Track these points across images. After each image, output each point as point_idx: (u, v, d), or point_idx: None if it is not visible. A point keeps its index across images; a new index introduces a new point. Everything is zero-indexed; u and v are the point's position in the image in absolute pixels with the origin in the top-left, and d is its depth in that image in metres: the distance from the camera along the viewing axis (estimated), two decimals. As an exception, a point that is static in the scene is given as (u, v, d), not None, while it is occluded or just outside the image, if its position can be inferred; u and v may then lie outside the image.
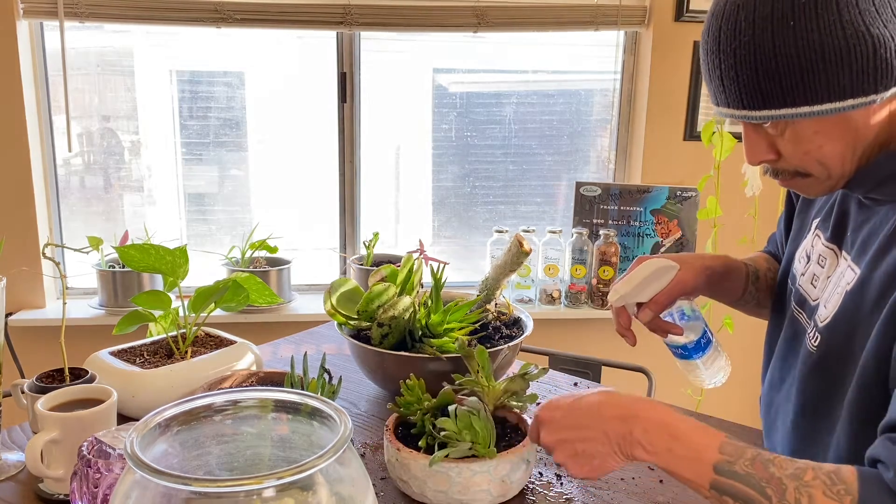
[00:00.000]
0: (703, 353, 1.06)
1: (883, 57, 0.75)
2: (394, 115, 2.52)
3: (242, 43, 2.38)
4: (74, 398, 0.98)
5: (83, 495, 0.80)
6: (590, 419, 0.82)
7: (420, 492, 0.91)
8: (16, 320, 2.20)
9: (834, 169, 0.83)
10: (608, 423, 0.80)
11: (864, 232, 0.87)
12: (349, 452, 0.63)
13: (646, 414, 0.79)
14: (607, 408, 0.81)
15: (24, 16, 2.12)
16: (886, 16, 0.75)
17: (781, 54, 0.76)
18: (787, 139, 0.82)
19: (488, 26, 2.29)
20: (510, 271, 1.22)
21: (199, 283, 1.27)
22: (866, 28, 0.74)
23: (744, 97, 0.80)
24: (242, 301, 1.22)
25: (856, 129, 0.80)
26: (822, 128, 0.80)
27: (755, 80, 0.78)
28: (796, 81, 0.76)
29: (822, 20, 0.74)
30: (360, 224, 2.52)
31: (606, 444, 0.80)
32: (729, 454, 0.74)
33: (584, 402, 0.84)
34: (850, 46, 0.74)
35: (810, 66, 0.75)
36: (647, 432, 0.78)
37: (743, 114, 0.82)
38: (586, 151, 2.61)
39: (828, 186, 0.86)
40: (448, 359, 1.10)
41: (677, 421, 0.78)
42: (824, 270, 0.94)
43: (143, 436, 0.62)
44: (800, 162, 0.84)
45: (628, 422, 0.79)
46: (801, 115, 0.78)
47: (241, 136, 2.45)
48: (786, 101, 0.78)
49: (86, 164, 2.41)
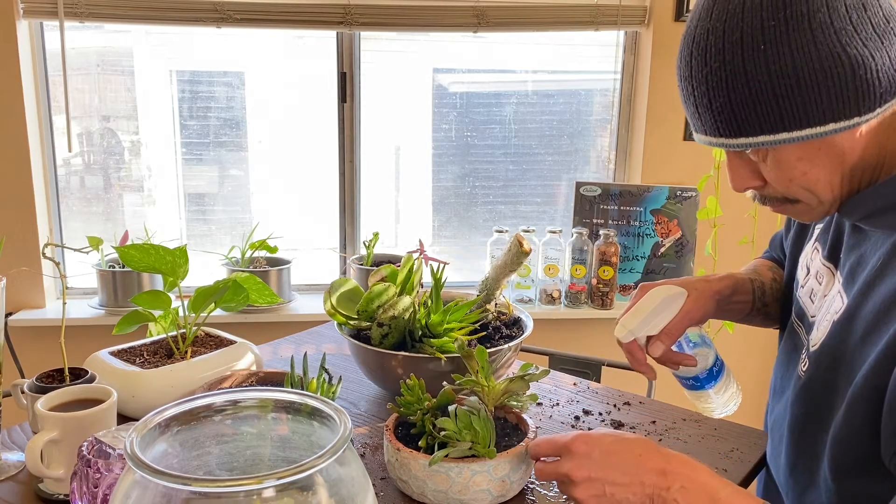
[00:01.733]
0: (715, 383, 1.02)
1: (863, 78, 0.70)
2: (394, 115, 2.52)
3: (242, 43, 2.38)
4: (74, 398, 0.98)
5: (83, 495, 0.80)
6: (628, 465, 0.77)
7: (420, 492, 0.91)
8: (16, 320, 2.20)
9: (823, 195, 0.79)
10: (647, 474, 0.76)
11: (853, 257, 0.84)
12: (349, 452, 0.63)
13: (687, 472, 0.76)
14: (648, 458, 0.77)
15: (24, 16, 2.12)
16: (865, 34, 0.71)
17: (754, 80, 0.72)
18: (770, 166, 0.79)
19: (488, 26, 2.29)
20: (510, 271, 1.22)
21: (199, 283, 1.27)
22: (842, 48, 0.70)
23: (719, 125, 0.77)
24: (242, 301, 1.22)
25: (841, 154, 0.76)
26: (805, 154, 0.76)
27: (729, 108, 0.75)
28: (771, 108, 0.72)
29: (794, 43, 0.70)
30: (360, 224, 2.52)
31: (639, 495, 0.76)
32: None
33: (624, 446, 0.79)
34: (825, 69, 0.70)
35: (785, 92, 0.71)
36: (686, 491, 0.74)
37: (720, 141, 0.78)
38: (586, 151, 2.61)
39: (821, 212, 0.83)
40: (448, 359, 1.10)
41: (719, 485, 0.75)
42: (821, 288, 0.91)
43: (143, 436, 0.62)
44: (785, 189, 0.80)
45: (668, 477, 0.75)
46: (780, 142, 0.74)
47: (240, 136, 2.45)
48: (762, 128, 0.74)
49: (86, 164, 2.41)
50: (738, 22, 0.72)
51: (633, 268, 2.46)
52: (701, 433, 1.15)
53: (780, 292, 1.11)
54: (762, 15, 0.71)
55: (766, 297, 1.10)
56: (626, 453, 0.78)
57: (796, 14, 0.70)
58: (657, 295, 0.99)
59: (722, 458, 1.08)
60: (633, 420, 1.20)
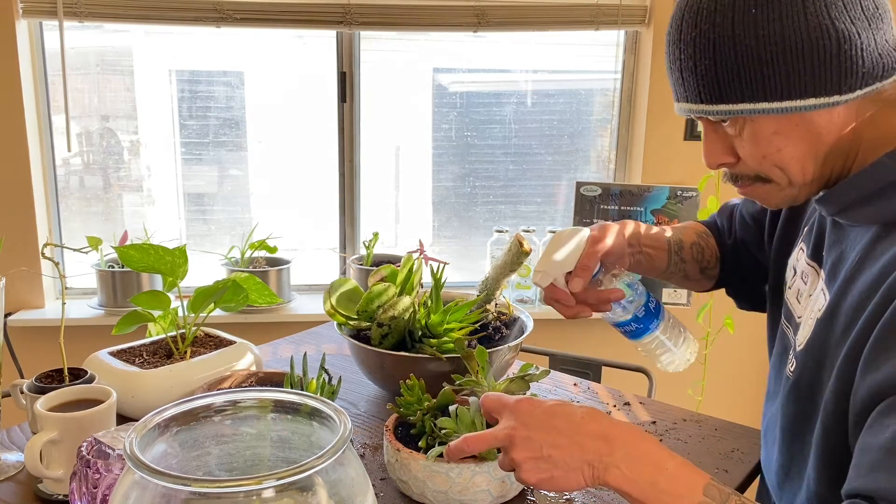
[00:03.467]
0: (657, 320, 0.99)
1: (847, 54, 0.71)
2: (394, 115, 2.52)
3: (242, 43, 2.38)
4: (74, 398, 0.98)
5: (82, 496, 0.80)
6: (568, 427, 0.75)
7: (420, 492, 0.91)
8: (15, 320, 2.20)
9: (794, 175, 0.79)
10: (587, 437, 0.74)
11: (835, 254, 0.84)
12: (349, 453, 0.63)
13: (632, 440, 0.74)
14: (590, 423, 0.75)
15: (23, 15, 2.12)
16: (854, 13, 0.71)
17: (741, 44, 0.72)
18: (746, 139, 0.78)
19: (488, 26, 2.29)
20: (510, 271, 1.22)
21: (198, 283, 1.27)
22: (831, 21, 0.71)
23: (702, 90, 0.77)
24: (242, 301, 1.22)
25: (817, 134, 0.76)
26: (781, 128, 0.76)
27: (713, 71, 0.75)
28: (755, 74, 0.73)
29: (784, 9, 0.71)
30: (360, 224, 2.52)
31: (577, 458, 0.73)
32: (712, 497, 0.70)
33: (567, 409, 0.77)
34: (812, 39, 0.71)
35: (770, 58, 0.72)
36: (631, 458, 0.72)
37: (700, 108, 0.78)
38: (586, 151, 2.61)
39: (788, 196, 0.82)
40: (448, 359, 1.10)
41: (665, 455, 0.73)
42: (807, 288, 0.90)
43: (143, 436, 0.61)
44: (758, 165, 0.80)
45: (611, 442, 0.73)
46: (759, 112, 0.74)
47: (240, 135, 2.45)
48: (744, 95, 0.74)
49: (85, 164, 2.41)
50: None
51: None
52: (701, 433, 1.15)
53: (701, 255, 1.10)
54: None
55: (682, 253, 1.09)
56: (568, 416, 0.76)
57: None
58: (561, 234, 0.99)
59: (722, 459, 1.08)
60: (633, 420, 1.20)
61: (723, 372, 2.47)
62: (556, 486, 0.75)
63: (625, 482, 0.72)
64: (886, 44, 0.73)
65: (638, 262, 1.06)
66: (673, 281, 1.14)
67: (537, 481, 0.75)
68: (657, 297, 1.03)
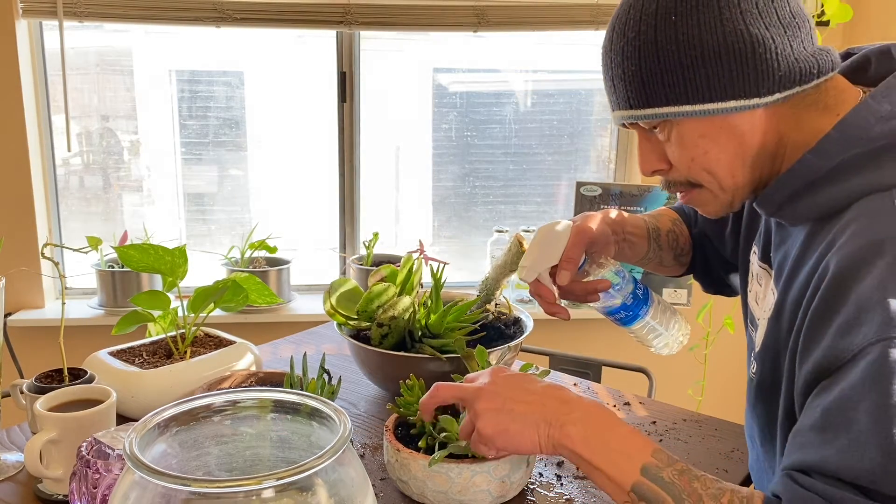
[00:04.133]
0: (646, 306, 1.00)
1: (763, 57, 0.75)
2: (394, 115, 2.52)
3: (242, 43, 2.38)
4: (73, 398, 0.98)
5: (82, 496, 0.80)
6: (534, 388, 0.81)
7: (420, 492, 0.91)
8: (15, 320, 2.20)
9: (723, 179, 0.82)
10: (550, 399, 0.79)
11: (780, 254, 0.87)
12: (348, 453, 0.63)
13: (590, 407, 0.79)
14: (554, 389, 0.81)
15: (23, 15, 2.12)
16: (769, 19, 0.75)
17: (663, 50, 0.76)
18: (674, 143, 0.81)
19: (488, 26, 2.29)
20: (510, 271, 1.22)
21: (198, 283, 1.27)
22: (746, 27, 0.74)
23: (630, 96, 0.81)
24: (242, 301, 1.22)
25: (741, 136, 0.79)
26: (706, 131, 0.79)
27: (639, 77, 0.79)
28: (677, 78, 0.77)
29: (702, 17, 0.75)
30: (359, 224, 2.52)
31: (537, 415, 0.78)
32: (660, 460, 0.74)
33: (535, 378, 0.84)
34: (728, 44, 0.75)
35: (690, 63, 0.76)
36: (586, 420, 0.77)
37: (630, 113, 0.82)
38: (586, 151, 2.61)
39: (723, 202, 0.85)
40: (448, 359, 1.10)
41: (618, 421, 0.78)
42: (762, 289, 0.92)
43: (143, 436, 0.61)
44: (687, 170, 0.83)
45: (569, 404, 0.79)
46: (683, 114, 0.78)
47: (240, 135, 2.45)
48: (668, 98, 0.78)
49: (85, 164, 2.41)
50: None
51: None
52: (701, 433, 1.15)
53: (676, 242, 1.13)
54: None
55: (660, 240, 1.11)
56: (535, 382, 0.82)
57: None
58: (544, 229, 0.99)
59: (722, 458, 1.08)
60: (633, 420, 1.20)
61: (723, 372, 2.47)
62: (511, 440, 0.79)
63: (578, 441, 0.76)
64: (804, 50, 0.77)
65: (621, 249, 1.07)
66: (648, 267, 1.16)
67: (493, 433, 0.79)
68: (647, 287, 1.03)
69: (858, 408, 0.64)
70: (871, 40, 0.88)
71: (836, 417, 0.66)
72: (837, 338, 0.68)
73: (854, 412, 0.65)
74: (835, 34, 2.37)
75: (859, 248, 0.70)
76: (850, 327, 0.67)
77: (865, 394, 0.64)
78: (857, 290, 0.68)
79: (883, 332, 0.65)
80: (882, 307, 0.65)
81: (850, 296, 0.68)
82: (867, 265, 0.68)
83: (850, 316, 0.67)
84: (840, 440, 0.65)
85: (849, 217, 0.74)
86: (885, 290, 0.66)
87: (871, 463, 0.63)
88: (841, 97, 0.79)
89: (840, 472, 0.64)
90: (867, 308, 0.66)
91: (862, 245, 0.70)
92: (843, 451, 0.65)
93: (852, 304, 0.68)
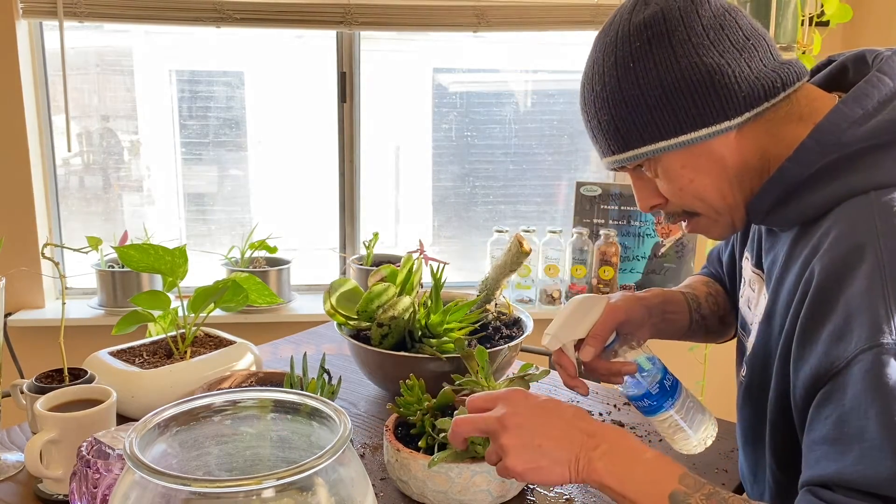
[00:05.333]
0: (672, 399, 0.96)
1: (721, 83, 0.77)
2: (394, 115, 2.52)
3: (242, 43, 2.38)
4: (74, 398, 0.98)
5: (82, 496, 0.80)
6: (560, 422, 0.79)
7: (420, 492, 0.91)
8: (15, 320, 2.20)
9: (715, 203, 0.83)
10: (576, 432, 0.78)
11: (769, 259, 0.88)
12: (349, 453, 0.63)
13: (615, 437, 0.78)
14: (579, 420, 0.79)
15: (23, 15, 2.12)
16: (722, 47, 0.78)
17: (629, 95, 0.80)
18: (662, 178, 0.84)
19: (488, 26, 2.29)
20: (510, 271, 1.22)
21: (198, 283, 1.27)
22: (699, 59, 0.77)
23: (610, 143, 0.84)
24: (242, 301, 1.22)
25: (721, 159, 0.81)
26: (687, 161, 0.81)
27: (613, 125, 0.82)
28: (647, 119, 0.80)
29: (657, 57, 0.78)
30: (360, 224, 2.52)
31: (567, 451, 0.77)
32: (687, 486, 0.73)
33: (558, 405, 0.81)
34: (686, 79, 0.77)
35: (655, 102, 0.79)
36: (613, 453, 0.76)
37: (614, 159, 0.85)
38: (586, 151, 2.61)
39: (724, 224, 0.87)
40: (448, 359, 1.10)
41: (643, 448, 0.77)
42: (755, 295, 0.93)
43: (143, 436, 0.61)
44: (680, 200, 0.85)
45: (596, 438, 0.77)
46: (660, 151, 0.81)
47: (240, 135, 2.45)
48: (643, 139, 0.81)
49: (85, 164, 2.41)
50: (612, 48, 0.81)
51: (634, 268, 2.46)
52: (701, 433, 1.15)
53: (717, 306, 1.12)
54: (630, 39, 0.80)
55: (702, 309, 1.11)
56: (559, 412, 0.80)
57: (657, 34, 0.79)
58: (578, 300, 0.98)
59: (722, 459, 1.08)
60: (634, 420, 1.20)
61: (723, 372, 2.46)
62: (542, 476, 0.77)
63: (605, 475, 0.75)
64: (763, 67, 0.79)
65: (660, 330, 1.06)
66: (694, 339, 1.14)
67: (524, 470, 0.77)
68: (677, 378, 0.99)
69: (865, 417, 0.65)
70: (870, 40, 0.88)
71: (846, 428, 0.67)
72: (830, 345, 0.69)
73: (862, 422, 0.66)
74: (835, 34, 2.37)
75: (842, 253, 0.71)
76: (841, 334, 0.68)
77: (869, 403, 0.65)
78: (845, 296, 0.69)
79: (873, 339, 0.66)
80: (869, 312, 0.67)
81: (838, 302, 0.69)
82: (852, 270, 0.69)
83: (839, 322, 0.69)
84: (853, 451, 0.66)
85: (830, 221, 0.75)
86: (871, 295, 0.67)
87: (887, 471, 0.64)
88: (814, 105, 0.81)
89: (859, 484, 0.65)
90: (856, 314, 0.68)
91: (845, 250, 0.71)
92: (857, 462, 0.65)
93: (841, 311, 0.69)
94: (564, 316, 0.98)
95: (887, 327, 0.66)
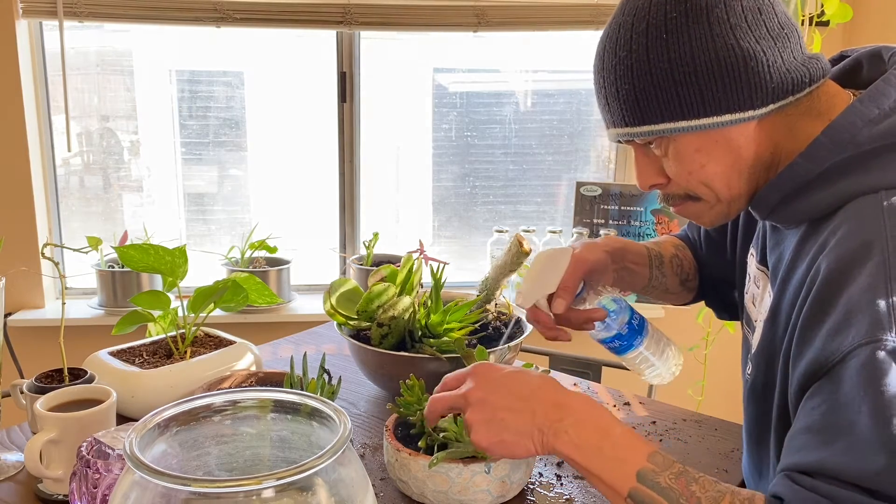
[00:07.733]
0: (640, 337, 0.99)
1: (754, 71, 0.75)
2: (394, 115, 2.52)
3: (242, 43, 2.38)
4: (74, 398, 0.98)
5: (82, 496, 0.80)
6: (523, 393, 0.78)
7: (420, 492, 0.91)
8: (15, 320, 2.20)
9: (720, 191, 0.82)
10: (541, 403, 0.77)
11: (775, 256, 0.87)
12: (349, 453, 0.63)
13: (582, 408, 0.77)
14: (545, 391, 0.79)
15: (23, 15, 2.12)
16: (759, 33, 0.75)
17: (656, 68, 0.77)
18: (671, 158, 0.82)
19: (488, 26, 2.29)
20: (510, 271, 1.22)
21: (198, 283, 1.27)
22: (736, 41, 0.75)
23: (625, 114, 0.81)
24: (242, 301, 1.22)
25: (737, 149, 0.79)
26: (702, 145, 0.79)
27: (633, 96, 0.79)
28: (671, 95, 0.77)
29: (693, 33, 0.75)
30: (360, 224, 2.52)
31: (529, 423, 0.76)
32: (656, 464, 0.72)
33: (523, 376, 0.81)
34: (720, 60, 0.75)
35: (683, 80, 0.76)
36: (579, 425, 0.75)
37: (625, 131, 0.82)
38: (586, 151, 2.61)
39: (719, 212, 0.86)
40: (448, 359, 1.10)
41: (612, 423, 0.76)
42: (760, 291, 0.93)
43: (143, 436, 0.61)
44: (686, 183, 0.83)
45: (562, 409, 0.76)
46: (678, 130, 0.78)
47: (240, 135, 2.45)
48: (663, 115, 0.78)
49: (85, 164, 2.41)
50: (644, 14, 0.78)
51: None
52: (701, 433, 1.15)
53: (680, 267, 1.12)
54: (666, 8, 0.76)
55: (663, 267, 1.11)
56: (524, 383, 0.80)
57: (696, 8, 0.75)
58: (542, 255, 0.99)
59: (722, 458, 1.08)
60: (633, 420, 1.20)
61: (723, 372, 2.47)
62: (507, 450, 0.78)
63: (572, 448, 0.75)
64: (794, 60, 0.77)
65: (621, 277, 1.08)
66: (653, 295, 1.15)
67: (489, 444, 0.78)
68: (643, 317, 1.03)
69: (857, 411, 0.65)
70: (871, 40, 0.88)
71: (834, 420, 0.66)
72: (828, 340, 0.69)
73: (853, 415, 0.65)
74: (835, 34, 2.37)
75: (849, 250, 0.70)
76: (840, 329, 0.68)
77: (862, 397, 0.65)
78: (847, 292, 0.68)
79: (871, 334, 0.65)
80: (870, 309, 0.66)
81: (841, 298, 0.69)
82: (857, 267, 0.69)
83: (839, 318, 0.68)
84: (839, 443, 0.65)
85: (839, 220, 0.75)
86: (874, 292, 0.67)
87: (876, 465, 0.63)
88: (832, 102, 0.80)
89: (841, 474, 0.64)
90: (856, 310, 0.67)
91: (851, 247, 0.70)
92: (842, 454, 0.65)
93: (842, 307, 0.68)
94: (534, 273, 0.99)
95: (888, 324, 0.65)
